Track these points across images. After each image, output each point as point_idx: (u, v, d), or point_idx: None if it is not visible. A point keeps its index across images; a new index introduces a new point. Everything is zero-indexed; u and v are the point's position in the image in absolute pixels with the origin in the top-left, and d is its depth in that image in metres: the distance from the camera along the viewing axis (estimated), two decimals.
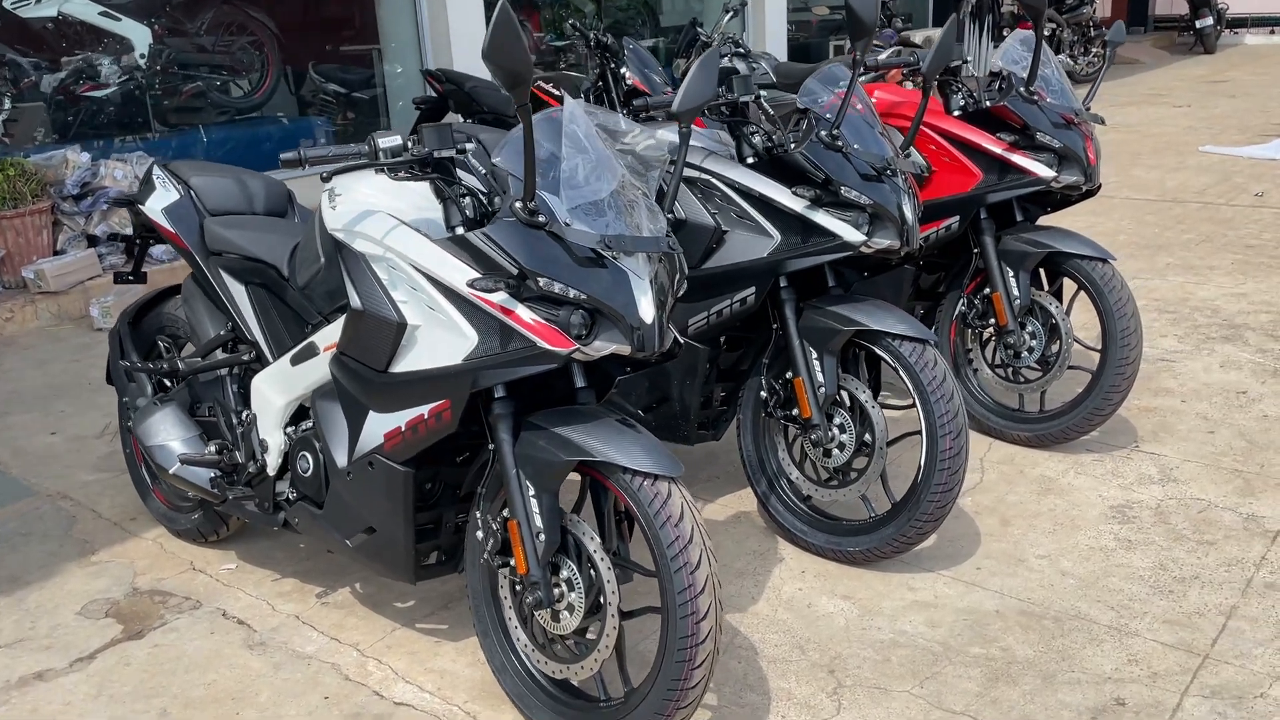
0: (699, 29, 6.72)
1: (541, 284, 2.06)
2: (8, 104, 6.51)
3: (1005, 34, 8.71)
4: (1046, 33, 13.83)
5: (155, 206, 2.96)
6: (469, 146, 2.24)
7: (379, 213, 2.30)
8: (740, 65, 6.16)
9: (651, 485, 2.12)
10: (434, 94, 6.93)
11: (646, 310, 2.12)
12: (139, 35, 6.92)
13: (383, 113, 8.71)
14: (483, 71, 7.70)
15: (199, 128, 7.52)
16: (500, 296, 2.09)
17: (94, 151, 6.51)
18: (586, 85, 5.76)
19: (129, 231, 3.25)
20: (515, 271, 2.08)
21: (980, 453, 3.62)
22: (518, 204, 2.08)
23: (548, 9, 10.05)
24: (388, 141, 2.18)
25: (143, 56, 6.97)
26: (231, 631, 2.84)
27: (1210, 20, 16.13)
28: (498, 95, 6.57)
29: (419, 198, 2.36)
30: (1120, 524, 3.15)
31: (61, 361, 5.07)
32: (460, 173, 2.29)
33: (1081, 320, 4.25)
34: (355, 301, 2.29)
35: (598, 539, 2.22)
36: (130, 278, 3.35)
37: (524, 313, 2.09)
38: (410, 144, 2.20)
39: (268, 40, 7.68)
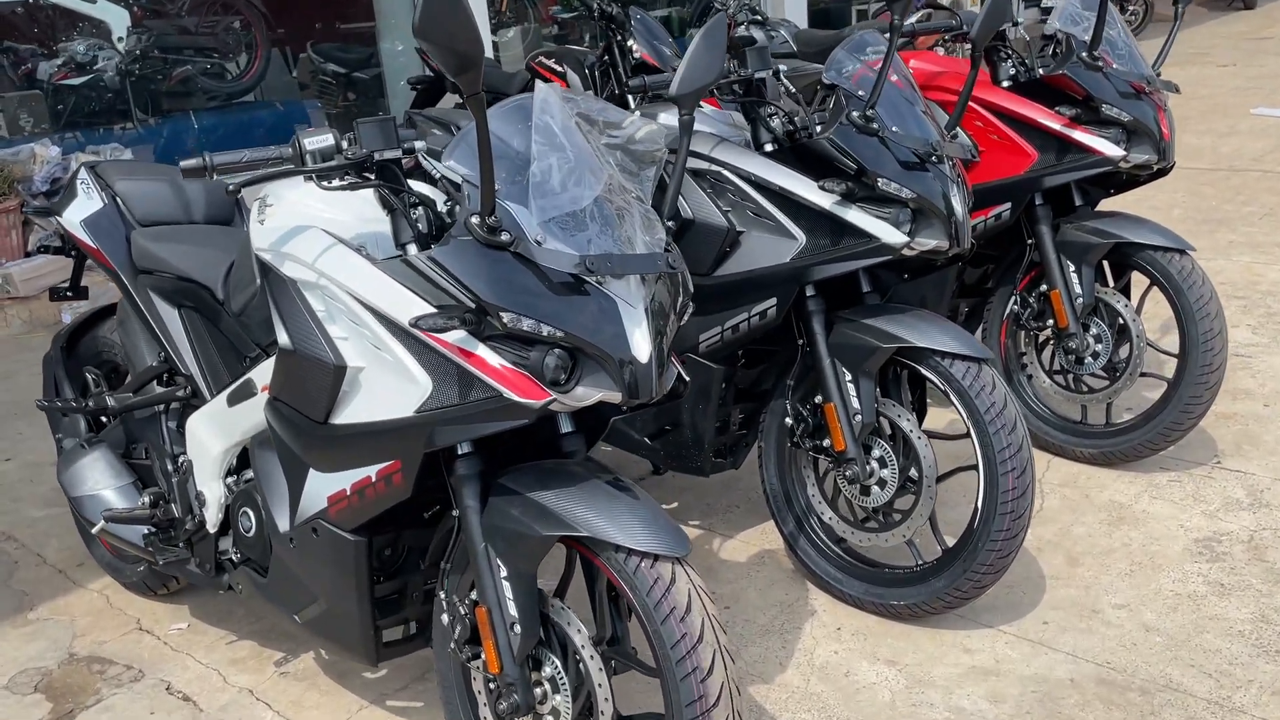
0: None
1: (506, 320, 1.63)
2: None
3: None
4: None
5: (73, 218, 2.54)
6: (418, 145, 1.81)
7: (312, 228, 1.87)
8: (757, 34, 5.67)
9: (651, 568, 1.69)
10: (430, 72, 6.49)
11: (640, 347, 1.68)
12: (116, 18, 6.50)
13: (386, 93, 8.29)
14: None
15: (187, 114, 7.12)
16: (456, 335, 1.66)
17: (73, 144, 6.13)
18: (591, 60, 5.31)
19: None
20: (473, 305, 1.65)
21: (1039, 473, 3.16)
22: (474, 219, 1.65)
23: None
24: (316, 142, 1.75)
25: (120, 40, 6.55)
26: (174, 711, 2.45)
27: None
28: (498, 74, 6.13)
29: (366, 207, 1.93)
30: (1209, 562, 2.70)
31: (28, 374, 4.68)
32: (416, 178, 1.87)
33: (1154, 318, 3.77)
34: (283, 338, 1.87)
35: (585, 631, 1.79)
36: (69, 295, 2.95)
37: (486, 355, 1.66)
38: (346, 144, 1.77)
39: (255, 20, 7.24)
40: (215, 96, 7.35)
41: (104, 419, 2.77)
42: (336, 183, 1.75)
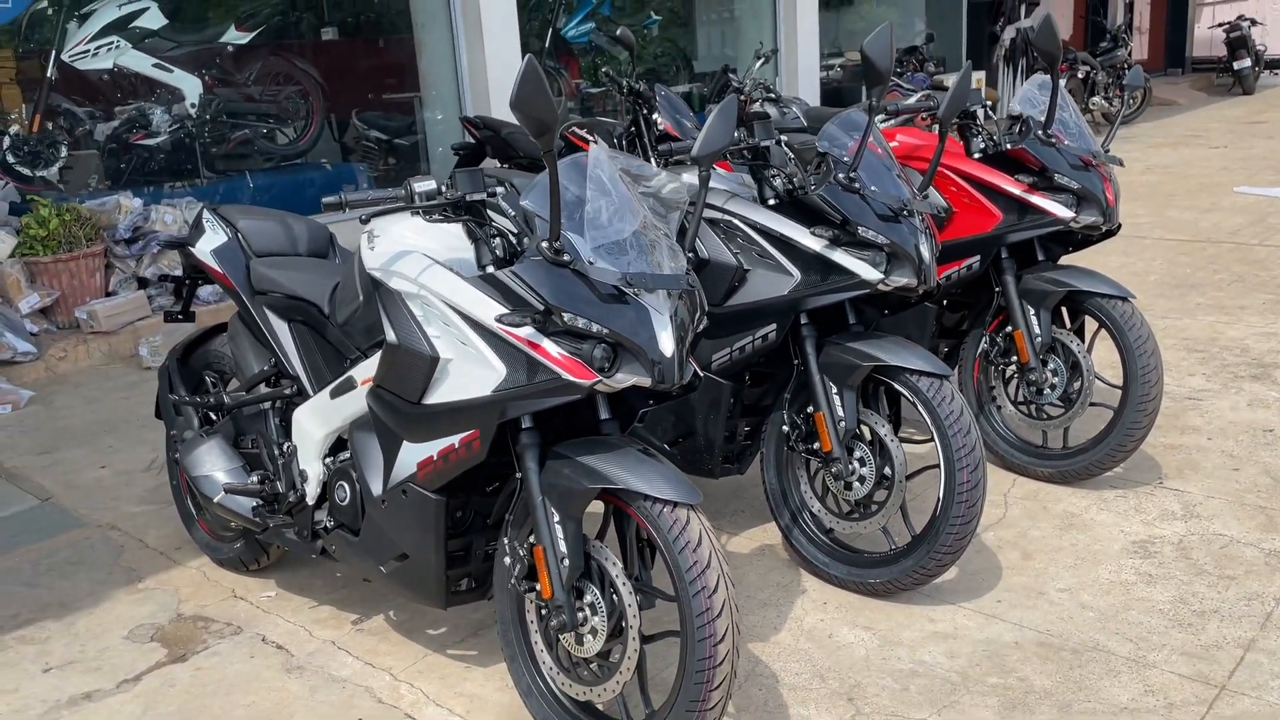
0: (731, 75, 6.88)
1: (566, 319, 2.17)
2: (64, 152, 6.79)
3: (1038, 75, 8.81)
4: (1081, 75, 13.84)
5: (205, 248, 3.11)
6: (499, 190, 2.36)
7: (414, 253, 2.42)
8: (771, 110, 6.30)
9: (671, 512, 2.20)
10: (472, 140, 7.12)
11: (666, 344, 2.21)
12: (190, 86, 7.20)
13: (423, 158, 8.94)
14: (512, 120, 7.92)
15: (246, 173, 7.77)
16: (527, 331, 2.20)
17: (145, 197, 6.77)
18: (619, 131, 5.91)
19: (179, 273, 3.41)
20: (542, 307, 2.19)
21: (1004, 488, 3.66)
22: (544, 244, 2.20)
23: (584, 57, 10.29)
24: (423, 186, 2.31)
25: (193, 106, 7.25)
26: (270, 655, 2.94)
27: (1248, 61, 16.12)
28: (532, 141, 6.75)
29: (452, 238, 2.49)
30: (1142, 559, 3.18)
31: (111, 399, 5.25)
32: (491, 214, 2.42)
33: (1106, 358, 4.29)
34: (391, 336, 2.42)
35: (619, 564, 2.30)
36: (179, 317, 3.51)
37: (549, 346, 2.19)
38: (444, 188, 2.33)
39: (312, 89, 7.94)
40: (272, 158, 8.03)
41: (214, 416, 3.31)
42: (437, 217, 2.31)
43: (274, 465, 2.98)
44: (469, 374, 2.30)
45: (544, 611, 2.38)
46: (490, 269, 2.32)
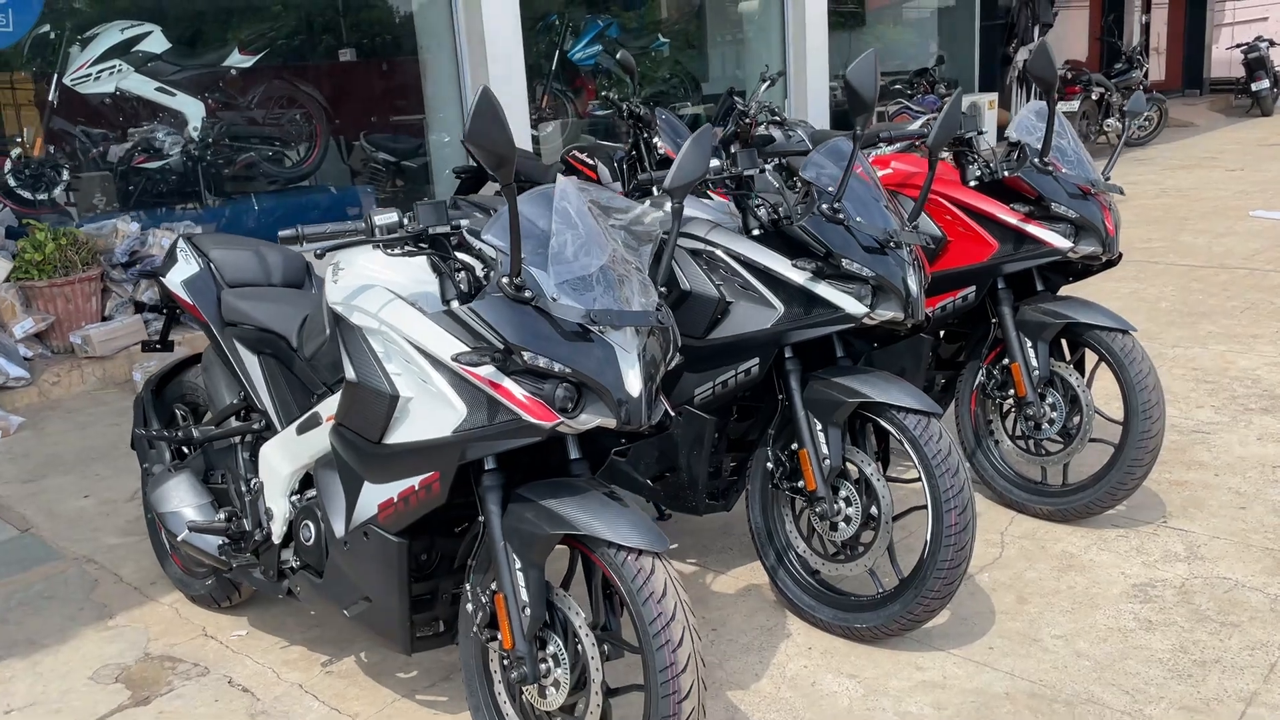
0: (736, 98, 6.81)
1: (526, 358, 2.08)
2: (65, 175, 6.78)
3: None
4: (1095, 97, 13.71)
5: (175, 279, 3.05)
6: (463, 223, 2.28)
7: (376, 287, 2.35)
8: (776, 133, 6.23)
9: (635, 560, 2.11)
10: (474, 163, 7.08)
11: (633, 384, 2.13)
12: (192, 109, 7.19)
13: (430, 180, 8.91)
14: (522, 142, 7.87)
15: (249, 197, 7.75)
16: (487, 370, 2.12)
17: (146, 221, 6.74)
18: (620, 155, 5.85)
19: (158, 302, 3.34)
20: (502, 346, 2.10)
21: (1001, 526, 3.55)
22: (504, 280, 2.11)
23: (590, 80, 10.25)
24: (384, 219, 2.23)
25: (195, 129, 7.24)
26: (235, 699, 2.86)
27: (1267, 83, 15.97)
28: (535, 165, 6.70)
29: (419, 271, 2.41)
30: (1141, 603, 3.06)
31: (102, 425, 5.19)
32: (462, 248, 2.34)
33: (1107, 390, 4.17)
34: (350, 374, 2.34)
35: (583, 615, 2.21)
36: (158, 346, 3.45)
37: (510, 386, 2.11)
38: (406, 220, 2.25)
39: (316, 112, 7.92)
40: (276, 181, 8.00)
41: (186, 450, 3.24)
42: (397, 251, 2.23)
43: (241, 502, 2.90)
44: (429, 414, 2.22)
45: (506, 662, 2.28)
46: (455, 304, 2.24)
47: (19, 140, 6.78)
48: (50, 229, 5.90)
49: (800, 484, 2.93)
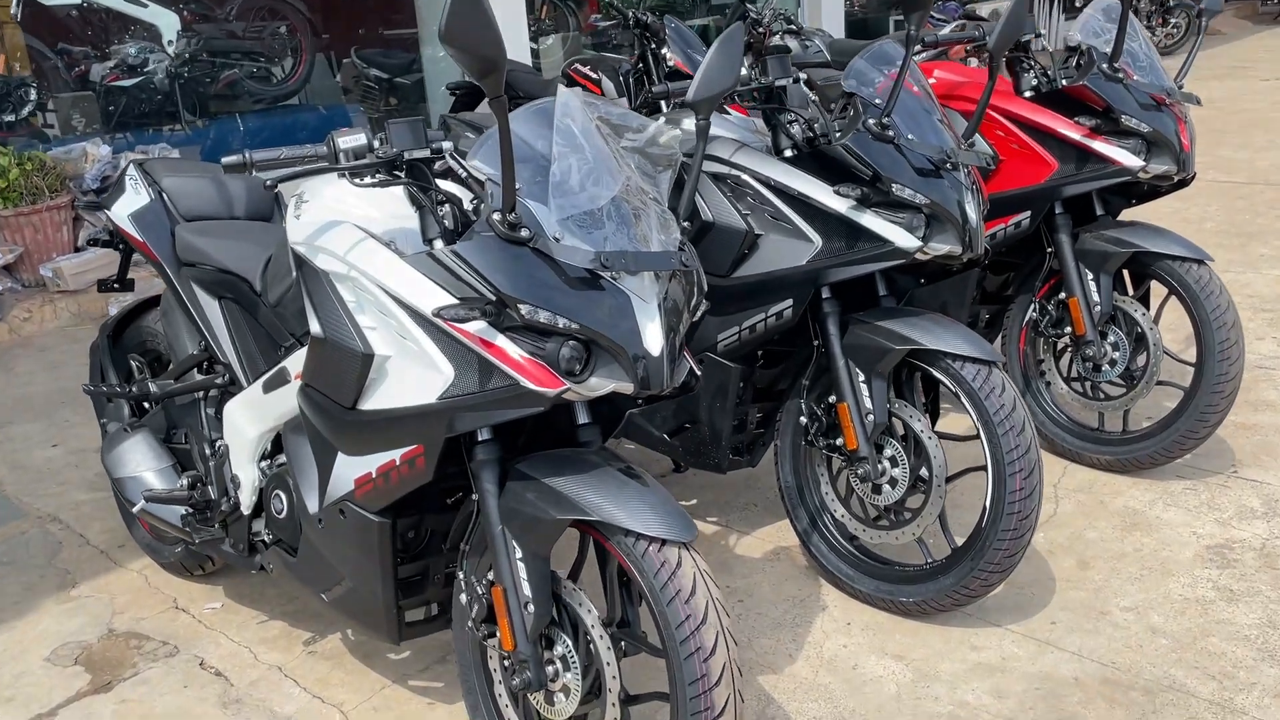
0: (748, 6, 6.30)
1: (524, 312, 1.72)
2: (33, 95, 6.33)
3: (1078, 4, 8.17)
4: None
5: (122, 212, 2.66)
6: (445, 146, 1.89)
7: (344, 223, 1.97)
8: (791, 43, 5.75)
9: (659, 552, 1.77)
10: (469, 79, 6.61)
11: (652, 340, 1.76)
12: (166, 22, 6.70)
13: (425, 98, 8.44)
14: (520, 56, 7.37)
15: (233, 117, 7.30)
16: (477, 326, 1.75)
17: (123, 144, 6.32)
18: (626, 68, 5.40)
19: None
20: (494, 297, 1.73)
21: (1054, 479, 3.20)
22: (495, 216, 1.73)
23: None
24: (349, 141, 1.85)
25: (170, 44, 6.75)
26: (207, 685, 2.55)
27: None
28: (535, 80, 6.24)
29: (397, 204, 2.03)
30: (1219, 569, 2.73)
31: (75, 365, 4.84)
32: (445, 175, 1.96)
33: (1172, 326, 3.80)
34: (316, 328, 1.97)
35: (595, 612, 1.87)
36: (116, 285, 3.08)
37: (506, 345, 1.75)
38: (379, 143, 1.87)
39: (300, 25, 7.42)
40: (260, 100, 7.53)
41: (146, 405, 2.89)
42: (368, 180, 1.85)
43: (205, 466, 2.56)
44: (410, 376, 1.86)
45: (507, 663, 1.96)
46: (438, 244, 1.86)
47: None
48: (14, 154, 5.48)
49: (839, 441, 2.58)
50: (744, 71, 2.52)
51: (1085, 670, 2.40)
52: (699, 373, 1.95)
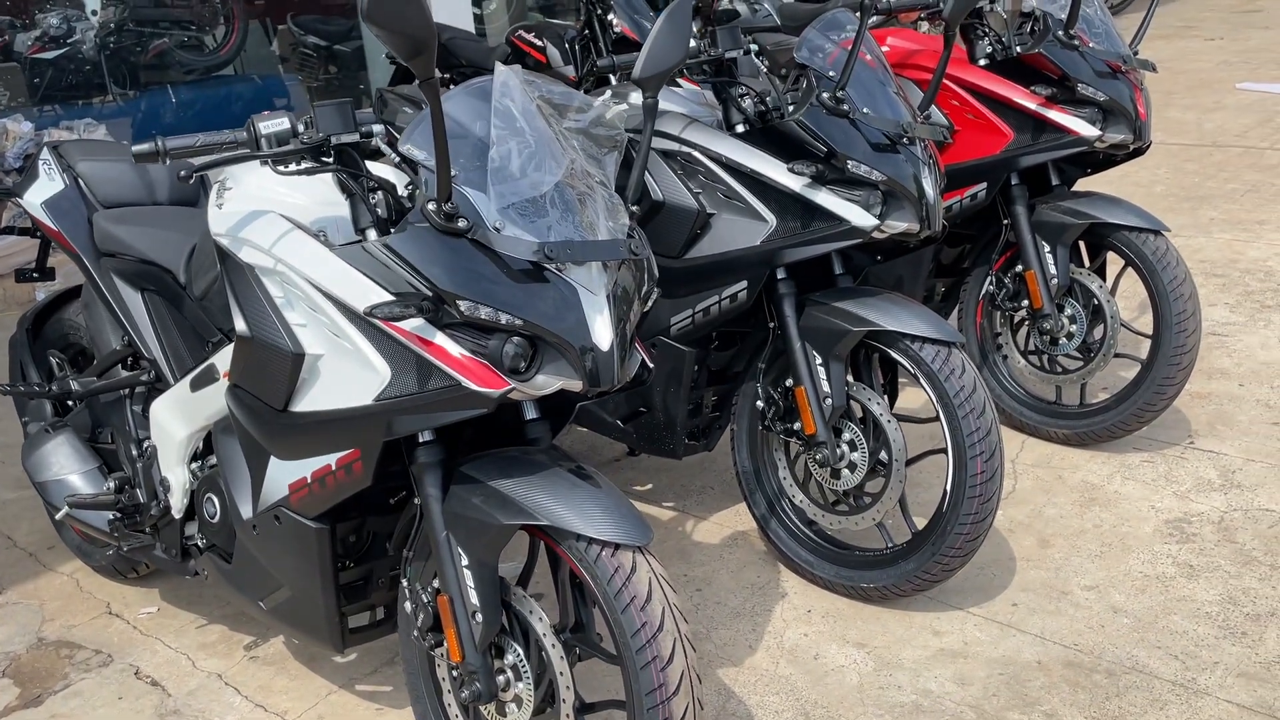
0: None
1: (464, 308, 1.61)
2: None
3: None
4: None
5: (35, 199, 2.50)
6: (376, 129, 1.77)
7: (269, 213, 1.84)
8: (741, 8, 5.62)
9: (612, 557, 1.68)
10: None
11: (601, 334, 1.67)
12: None
13: (365, 66, 8.20)
14: (463, 21, 7.16)
15: (164, 88, 7.01)
16: (414, 324, 1.65)
17: (49, 119, 6.04)
18: (572, 34, 5.25)
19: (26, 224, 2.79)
20: (430, 293, 1.63)
21: (1012, 453, 3.17)
22: (430, 205, 1.62)
23: None
24: (272, 126, 1.73)
25: (95, 13, 6.45)
26: (142, 696, 2.44)
27: None
28: (478, 48, 6.06)
29: (327, 190, 1.91)
30: (1179, 543, 2.71)
31: (0, 354, 4.64)
32: (377, 161, 1.84)
33: (1131, 298, 3.77)
34: (241, 325, 1.85)
35: (547, 619, 1.79)
36: (35, 276, 2.91)
37: (445, 343, 1.64)
38: (302, 126, 1.74)
39: None
40: (192, 70, 7.24)
41: (70, 403, 2.74)
42: (293, 167, 1.73)
43: (133, 468, 2.43)
44: (344, 376, 1.75)
45: (456, 674, 1.86)
46: (371, 234, 1.75)
47: None
48: None
49: (796, 425, 2.51)
50: (693, 43, 2.41)
51: (1048, 653, 2.36)
52: (650, 364, 1.86)
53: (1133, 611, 2.48)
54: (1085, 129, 2.94)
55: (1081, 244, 3.16)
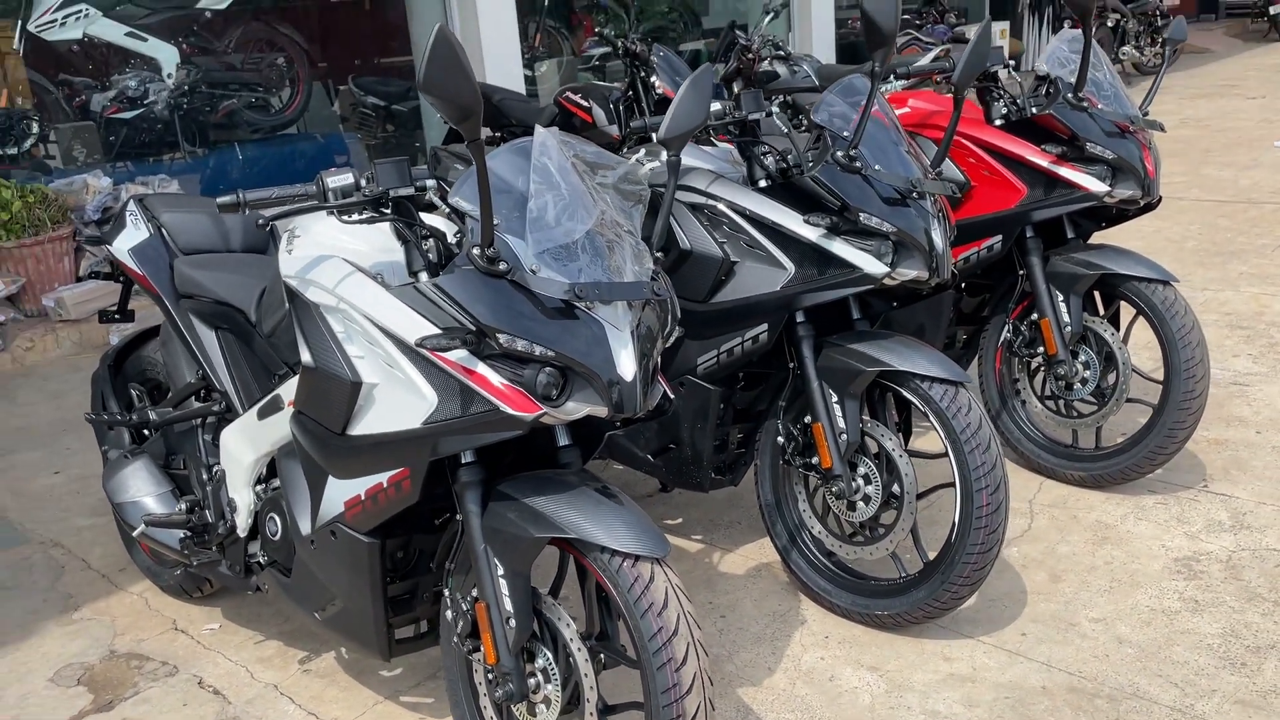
0: (738, 32, 6.43)
1: (503, 341, 1.82)
2: (34, 129, 6.45)
3: (1067, 27, 8.29)
4: (1111, 23, 13.22)
5: (123, 246, 2.77)
6: (429, 184, 2.00)
7: (334, 258, 2.07)
8: (780, 69, 5.87)
9: (632, 567, 1.86)
10: None
11: (625, 366, 1.86)
12: (166, 55, 6.83)
13: (421, 125, 8.57)
14: (514, 82, 7.49)
15: (232, 146, 7.42)
16: (459, 355, 1.85)
17: (123, 175, 6.43)
18: (616, 95, 5.52)
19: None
20: (473, 327, 1.83)
21: (1029, 494, 3.30)
22: (475, 250, 1.84)
23: (586, 15, 9.82)
24: (337, 180, 1.95)
25: (170, 76, 6.88)
26: (205, 704, 2.64)
27: None
28: (528, 107, 6.36)
29: (384, 239, 2.14)
30: (1186, 580, 2.82)
31: (77, 394, 4.94)
32: (429, 212, 2.06)
33: (1140, 342, 3.89)
34: (306, 357, 2.07)
35: (573, 625, 1.96)
36: (116, 316, 3.18)
37: (486, 373, 1.84)
38: (365, 182, 1.97)
39: (297, 55, 7.56)
40: (259, 129, 7.65)
41: (146, 432, 2.99)
42: (355, 217, 1.95)
43: (203, 491, 2.65)
44: (396, 403, 1.95)
45: (491, 677, 2.04)
46: (422, 276, 1.96)
47: None
48: (17, 186, 5.60)
49: (814, 460, 2.67)
50: (718, 106, 2.63)
51: (1053, 679, 2.48)
52: (672, 396, 2.05)
53: (1137, 642, 2.59)
54: (1095, 185, 3.11)
55: (1096, 294, 3.30)
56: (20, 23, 6.38)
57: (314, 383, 2.07)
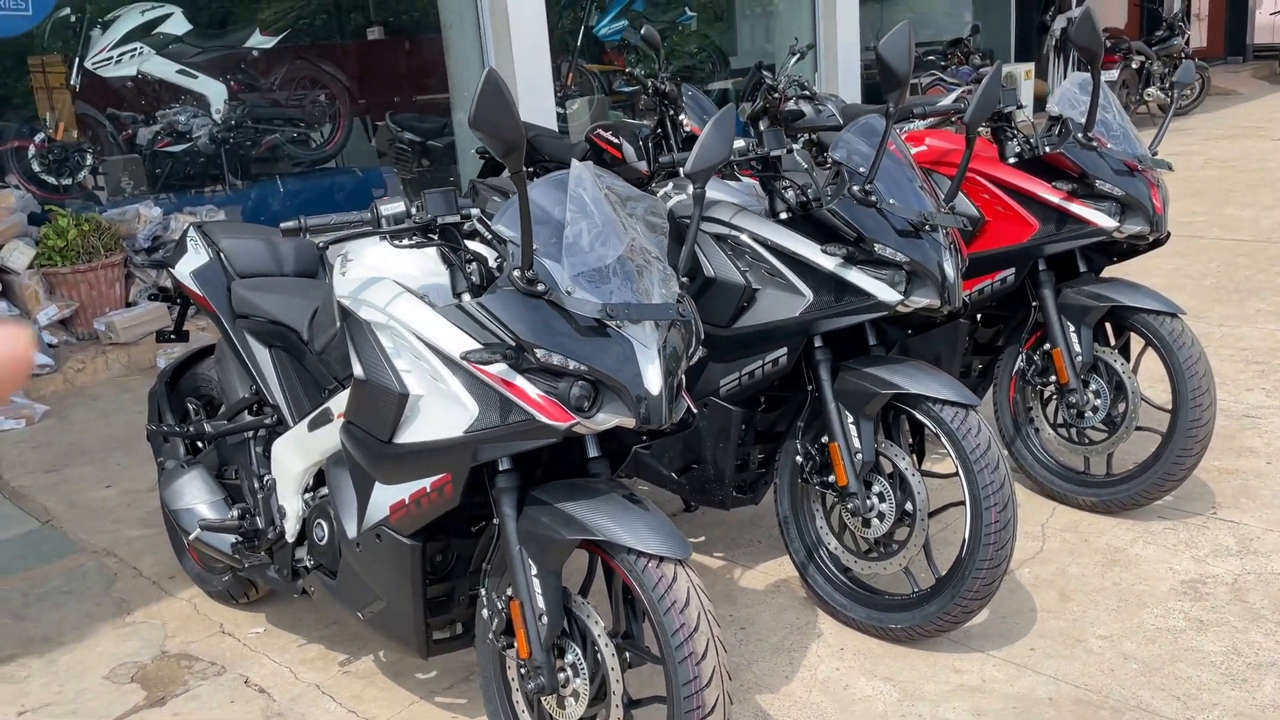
0: (765, 72, 6.63)
1: (540, 356, 1.98)
2: (88, 160, 6.73)
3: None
4: (1135, 65, 13.35)
5: (184, 270, 2.96)
6: (474, 212, 2.17)
7: (384, 280, 2.24)
8: (806, 107, 6.06)
9: (656, 568, 2.00)
10: None
11: (652, 381, 2.01)
12: (215, 91, 7.13)
13: (456, 160, 8.81)
14: (547, 120, 7.72)
15: (274, 179, 7.68)
16: (499, 368, 2.01)
17: (170, 205, 6.69)
18: (645, 133, 5.70)
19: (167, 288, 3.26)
20: (513, 343, 2.00)
21: (1042, 519, 3.41)
22: (516, 272, 2.00)
23: (617, 55, 10.08)
24: (390, 208, 2.12)
25: (218, 112, 7.17)
26: (251, 701, 2.79)
27: None
28: (560, 144, 6.56)
29: (430, 263, 2.30)
30: (1192, 601, 2.92)
31: (126, 413, 5.15)
32: (472, 239, 2.23)
33: (1153, 374, 4.00)
34: (358, 370, 2.24)
35: (602, 623, 2.10)
36: (173, 336, 3.37)
37: (523, 384, 2.00)
38: (415, 210, 2.15)
39: (339, 92, 7.84)
40: (300, 163, 7.93)
41: (200, 444, 3.16)
42: (406, 242, 2.12)
43: (254, 499, 2.82)
44: (440, 413, 2.11)
45: (523, 671, 2.18)
46: (465, 298, 2.13)
47: (42, 125, 6.75)
48: (72, 215, 5.86)
49: (831, 478, 2.80)
50: (741, 143, 2.80)
51: (1059, 692, 2.59)
52: (695, 411, 2.20)
53: (1141, 658, 2.69)
54: (1104, 221, 3.24)
55: (1107, 326, 3.43)
56: (78, 60, 6.68)
57: (364, 394, 2.23)
